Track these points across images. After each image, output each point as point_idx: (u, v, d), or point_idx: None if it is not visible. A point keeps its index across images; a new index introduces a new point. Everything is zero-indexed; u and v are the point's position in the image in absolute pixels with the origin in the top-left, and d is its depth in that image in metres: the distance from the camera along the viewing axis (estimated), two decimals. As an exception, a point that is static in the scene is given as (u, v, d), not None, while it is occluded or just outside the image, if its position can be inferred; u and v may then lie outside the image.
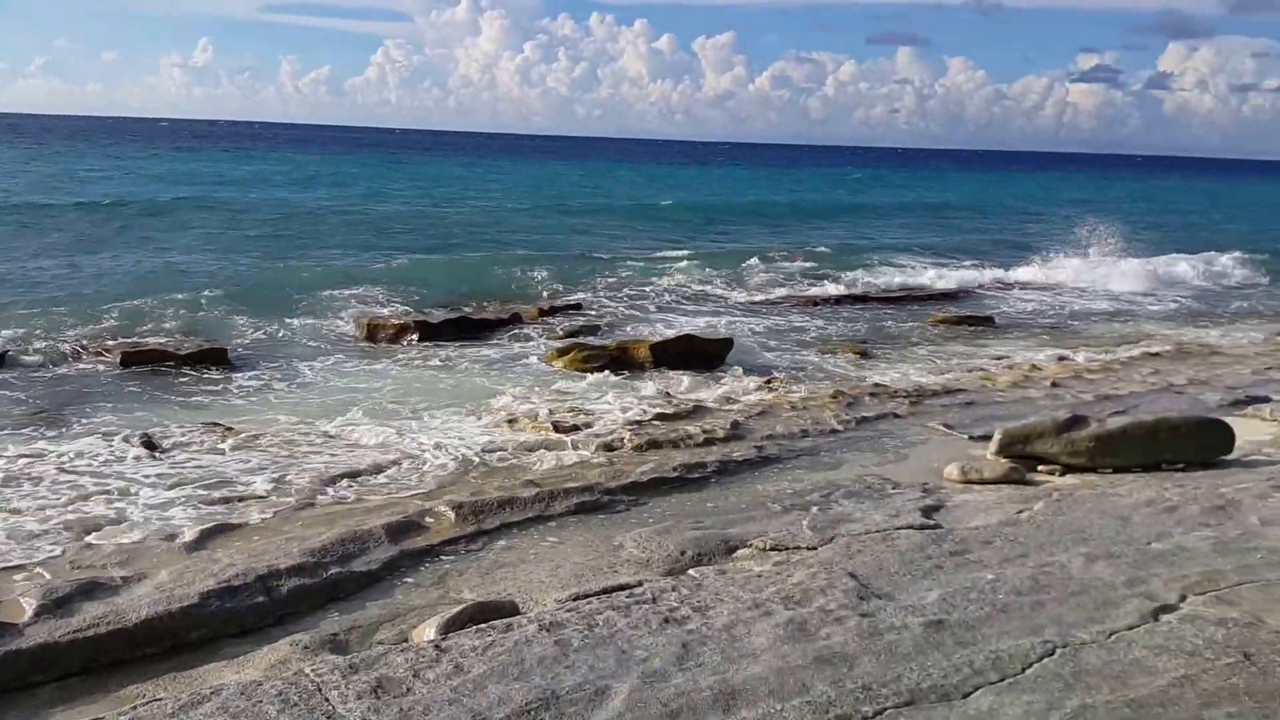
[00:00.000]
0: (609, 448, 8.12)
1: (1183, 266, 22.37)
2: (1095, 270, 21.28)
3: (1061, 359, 12.96)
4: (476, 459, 7.94)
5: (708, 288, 18.77)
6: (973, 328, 15.71)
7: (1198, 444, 7.48)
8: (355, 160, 67.94)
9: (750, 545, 5.73)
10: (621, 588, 4.89)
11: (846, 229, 31.53)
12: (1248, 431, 8.43)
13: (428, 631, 4.49)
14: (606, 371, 11.13)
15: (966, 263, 23.31)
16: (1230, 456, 7.54)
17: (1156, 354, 13.35)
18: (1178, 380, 11.50)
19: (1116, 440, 7.39)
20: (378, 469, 7.60)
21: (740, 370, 11.75)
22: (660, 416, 9.15)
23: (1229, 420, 8.17)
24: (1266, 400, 10.23)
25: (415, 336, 13.02)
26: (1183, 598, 4.46)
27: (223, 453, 7.99)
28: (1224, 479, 6.68)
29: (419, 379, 11.09)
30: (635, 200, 41.68)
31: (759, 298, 18.18)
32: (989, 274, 21.41)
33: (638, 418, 9.04)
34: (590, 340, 12.88)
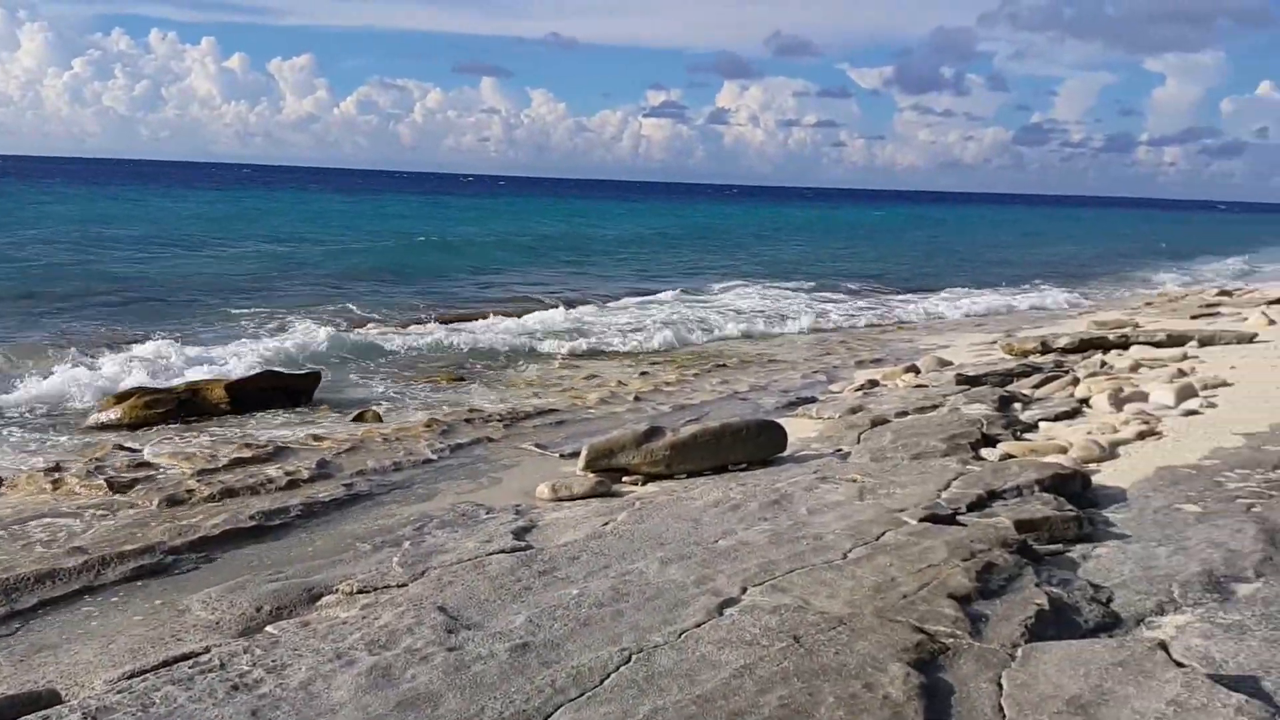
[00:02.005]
0: (175, 501, 7.39)
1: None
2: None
3: (643, 373, 13.75)
4: (5, 530, 6.83)
5: (299, 321, 17.76)
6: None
7: (757, 444, 8.17)
8: None
9: (336, 591, 5.44)
10: (185, 657, 4.42)
11: (467, 260, 31.18)
12: (798, 429, 9.38)
13: (-63, 744, 3.79)
14: (175, 417, 10.18)
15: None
16: (785, 454, 8.31)
17: (724, 364, 14.58)
18: (741, 388, 12.62)
19: (689, 447, 7.90)
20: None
21: (330, 405, 11.29)
22: (237, 462, 8.49)
23: (783, 421, 9.05)
24: (813, 400, 11.50)
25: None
26: (744, 590, 4.79)
27: None
28: (779, 475, 7.33)
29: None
30: (216, 225, 39.12)
31: (359, 330, 17.45)
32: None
33: (209, 465, 8.32)
34: (155, 383, 11.70)
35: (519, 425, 10.45)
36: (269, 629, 4.79)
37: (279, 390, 11.28)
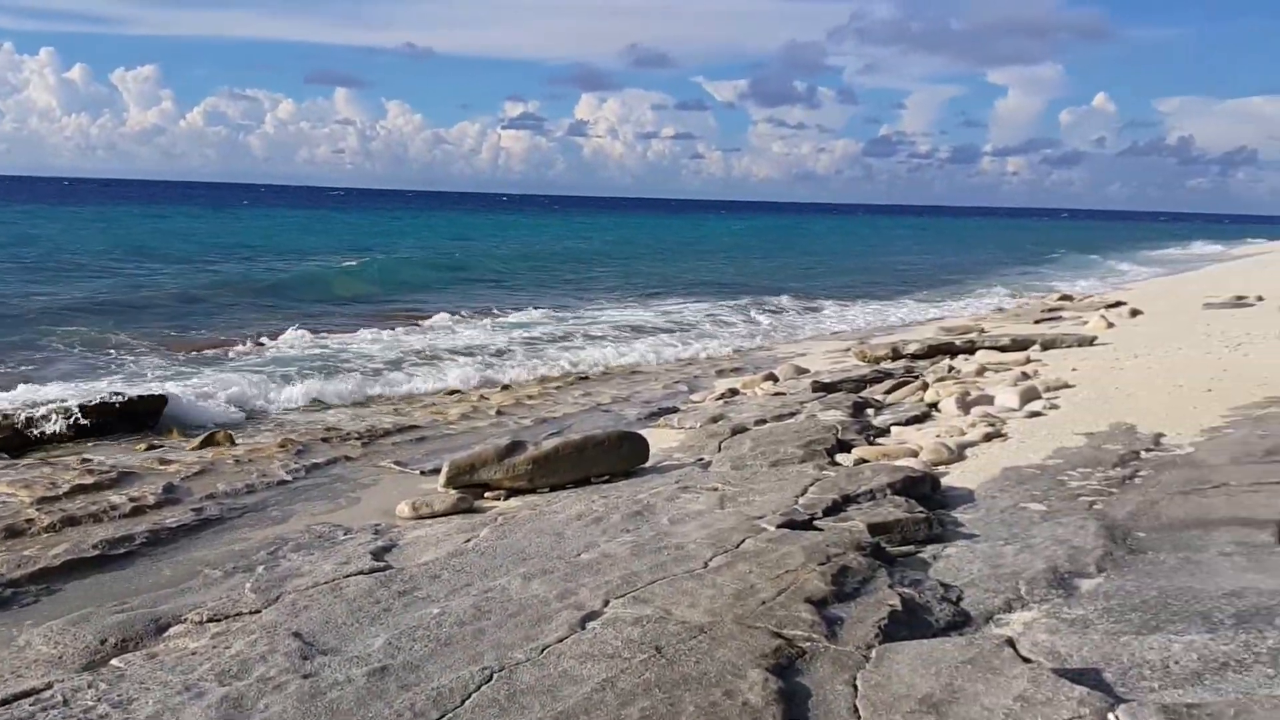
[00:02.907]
0: (14, 532, 6.99)
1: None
2: None
3: (506, 387, 13.66)
4: None
5: (135, 343, 16.82)
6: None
7: (619, 456, 8.22)
8: None
9: (185, 620, 5.23)
10: (26, 694, 4.23)
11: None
12: (660, 440, 9.45)
13: None
14: (12, 445, 9.60)
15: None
16: (647, 465, 8.39)
17: (586, 376, 14.61)
18: (604, 399, 12.67)
19: (551, 460, 7.89)
20: None
21: (177, 428, 10.83)
22: (78, 489, 8.06)
23: (645, 431, 9.13)
24: (675, 410, 11.62)
25: None
26: (606, 603, 4.81)
27: None
28: (641, 486, 7.38)
29: None
30: (71, 242, 37.14)
31: (209, 351, 16.54)
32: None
33: (49, 493, 7.89)
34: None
35: (378, 443, 10.25)
36: (114, 662, 4.59)
37: (123, 414, 10.76)
